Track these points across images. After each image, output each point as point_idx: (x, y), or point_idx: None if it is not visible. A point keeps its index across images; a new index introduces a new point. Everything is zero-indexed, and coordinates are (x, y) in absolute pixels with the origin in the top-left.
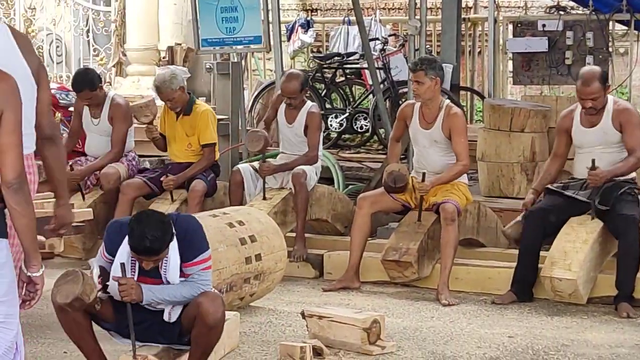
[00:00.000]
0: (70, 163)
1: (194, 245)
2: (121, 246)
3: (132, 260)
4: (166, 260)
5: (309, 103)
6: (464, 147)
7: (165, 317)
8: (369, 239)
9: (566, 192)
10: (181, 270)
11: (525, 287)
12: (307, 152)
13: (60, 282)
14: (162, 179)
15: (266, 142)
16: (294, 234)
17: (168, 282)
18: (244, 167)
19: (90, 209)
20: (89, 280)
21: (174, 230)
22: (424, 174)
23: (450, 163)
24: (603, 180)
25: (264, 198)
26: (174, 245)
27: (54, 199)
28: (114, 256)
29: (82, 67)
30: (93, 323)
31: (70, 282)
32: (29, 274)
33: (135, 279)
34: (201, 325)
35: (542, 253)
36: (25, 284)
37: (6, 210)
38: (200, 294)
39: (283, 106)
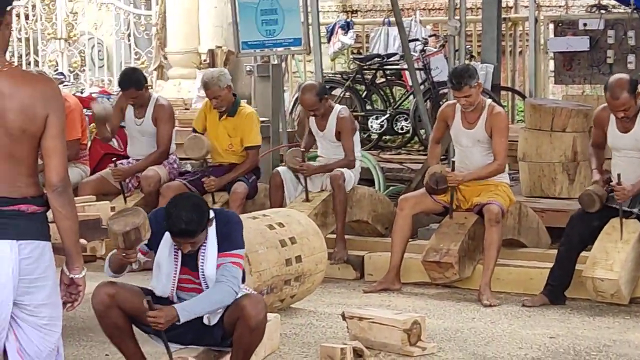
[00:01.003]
0: (114, 160)
1: (231, 237)
2: (163, 238)
3: (175, 249)
4: (204, 250)
5: (337, 107)
6: (503, 147)
7: (205, 321)
8: (410, 240)
9: (607, 203)
10: None
11: (559, 291)
12: (345, 157)
13: (117, 216)
14: (203, 179)
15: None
16: (334, 236)
17: (204, 275)
18: (283, 169)
19: None
20: (147, 219)
21: (212, 215)
22: (453, 162)
23: None
24: (630, 195)
25: (307, 199)
26: (212, 235)
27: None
28: (150, 245)
29: (129, 67)
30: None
31: (130, 215)
32: (71, 275)
33: (178, 270)
34: (244, 327)
35: (582, 253)
36: (67, 286)
37: (48, 213)
38: (242, 296)
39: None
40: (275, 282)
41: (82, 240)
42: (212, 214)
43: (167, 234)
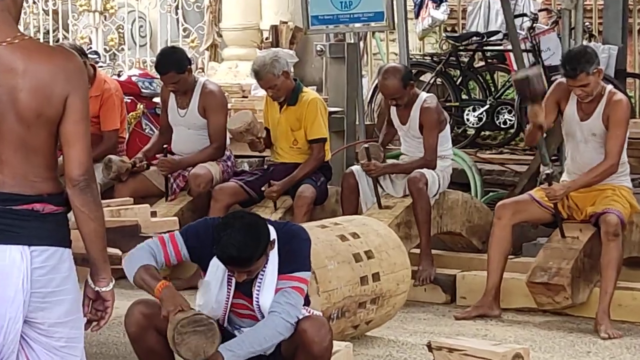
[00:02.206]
0: (164, 147)
1: (296, 257)
2: (215, 257)
3: (229, 274)
4: (262, 277)
5: (422, 96)
6: (618, 142)
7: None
8: (512, 256)
9: None
10: None
11: None
12: (423, 156)
13: (186, 330)
14: (263, 188)
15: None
16: (419, 251)
17: (259, 305)
18: (358, 168)
19: (176, 218)
20: (219, 332)
21: (273, 237)
22: (547, 175)
23: None
24: None
25: (380, 206)
26: (274, 259)
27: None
28: (193, 255)
29: (167, 47)
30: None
31: (202, 335)
32: (97, 288)
33: (231, 295)
34: (305, 356)
35: None
36: (92, 301)
37: (70, 215)
38: (302, 319)
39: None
40: (348, 305)
41: (117, 251)
42: (273, 234)
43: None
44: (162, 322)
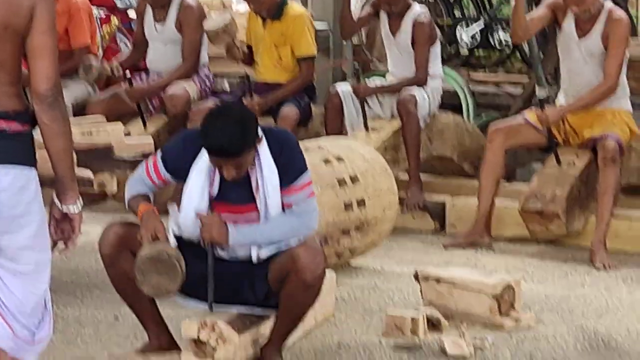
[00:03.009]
0: (128, 77)
1: (293, 163)
2: (197, 166)
3: (211, 175)
4: (260, 176)
5: (416, 8)
6: (616, 62)
7: (254, 258)
8: (505, 182)
9: None
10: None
11: None
12: (416, 73)
13: (148, 268)
14: (244, 100)
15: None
16: (407, 176)
17: (267, 210)
18: (344, 88)
19: (151, 139)
20: (183, 270)
21: (261, 134)
22: (541, 101)
23: None
24: None
25: (366, 128)
26: (266, 156)
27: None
28: (176, 175)
29: None
30: None
31: (164, 274)
32: (63, 206)
33: (215, 194)
34: (296, 283)
35: None
36: (58, 222)
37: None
38: (297, 245)
39: (385, 14)
40: (331, 232)
41: (88, 172)
42: (260, 132)
43: (201, 160)
44: (137, 244)
